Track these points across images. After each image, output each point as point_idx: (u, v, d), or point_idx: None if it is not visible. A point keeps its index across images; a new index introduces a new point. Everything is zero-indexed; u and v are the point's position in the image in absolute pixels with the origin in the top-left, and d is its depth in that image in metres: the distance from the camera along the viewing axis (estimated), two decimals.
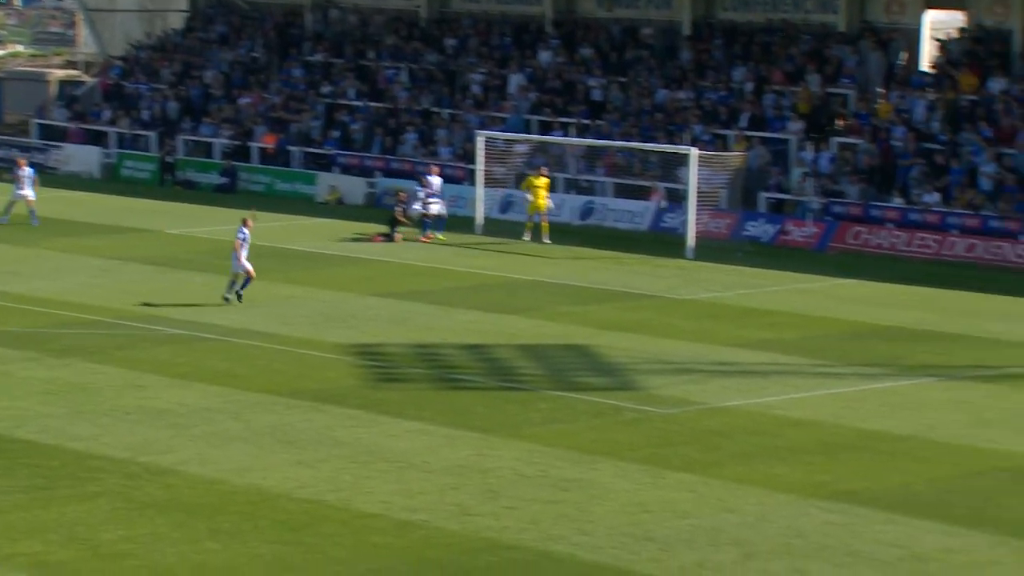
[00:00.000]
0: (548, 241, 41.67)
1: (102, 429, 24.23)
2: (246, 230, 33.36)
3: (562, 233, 43.79)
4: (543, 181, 42.45)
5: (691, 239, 40.70)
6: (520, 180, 47.20)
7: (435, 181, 43.24)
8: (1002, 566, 18.82)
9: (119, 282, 36.03)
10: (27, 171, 43.98)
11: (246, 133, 53.86)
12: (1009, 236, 40.16)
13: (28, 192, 43.54)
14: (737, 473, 22.42)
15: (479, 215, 44.18)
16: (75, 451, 23.03)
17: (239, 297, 33.25)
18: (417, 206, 42.65)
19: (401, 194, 43.36)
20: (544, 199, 42.16)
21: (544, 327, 32.13)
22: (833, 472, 22.59)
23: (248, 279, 33.30)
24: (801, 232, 42.43)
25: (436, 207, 42.75)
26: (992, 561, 18.99)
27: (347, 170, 50.85)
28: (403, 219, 42.50)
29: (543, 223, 42.04)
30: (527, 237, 41.85)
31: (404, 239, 42.04)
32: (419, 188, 43.12)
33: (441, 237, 42.30)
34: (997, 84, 43.61)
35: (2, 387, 26.61)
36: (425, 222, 42.49)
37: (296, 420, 24.88)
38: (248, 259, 33.24)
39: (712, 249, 40.84)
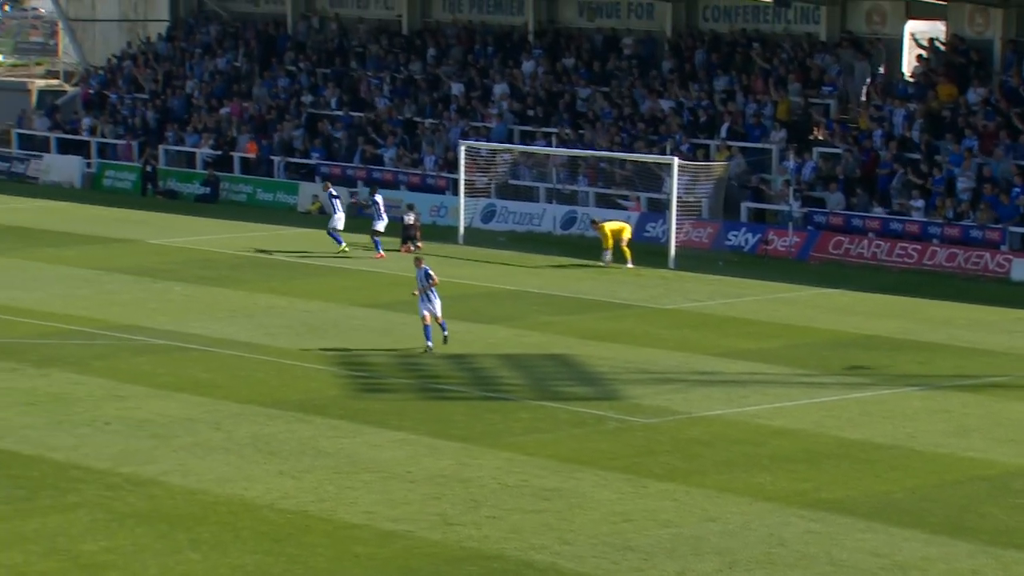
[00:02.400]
0: (612, 263, 40.08)
1: (82, 440, 24.20)
2: (426, 268, 30.50)
3: (544, 243, 43.83)
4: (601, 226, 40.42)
5: (673, 249, 40.78)
6: (501, 189, 47.33)
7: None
8: (982, 575, 18.86)
9: (100, 292, 35.97)
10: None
11: (229, 142, 53.81)
12: (989, 246, 40.28)
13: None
14: (719, 482, 22.46)
15: (461, 225, 44.19)
16: (56, 462, 23.00)
17: (444, 339, 30.51)
18: (381, 224, 40.98)
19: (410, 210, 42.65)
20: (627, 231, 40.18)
21: (526, 337, 32.14)
22: (814, 480, 22.63)
23: (434, 324, 30.43)
24: (783, 242, 42.51)
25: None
26: (972, 570, 19.04)
27: (329, 179, 50.78)
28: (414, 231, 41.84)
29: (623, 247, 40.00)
30: (608, 258, 39.93)
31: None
32: (376, 200, 41.48)
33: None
34: (976, 94, 43.78)
35: None
36: (377, 239, 41.13)
37: (278, 431, 24.87)
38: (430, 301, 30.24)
39: (694, 258, 40.92)
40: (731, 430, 25.31)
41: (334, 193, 42.75)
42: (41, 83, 65.54)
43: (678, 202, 41.02)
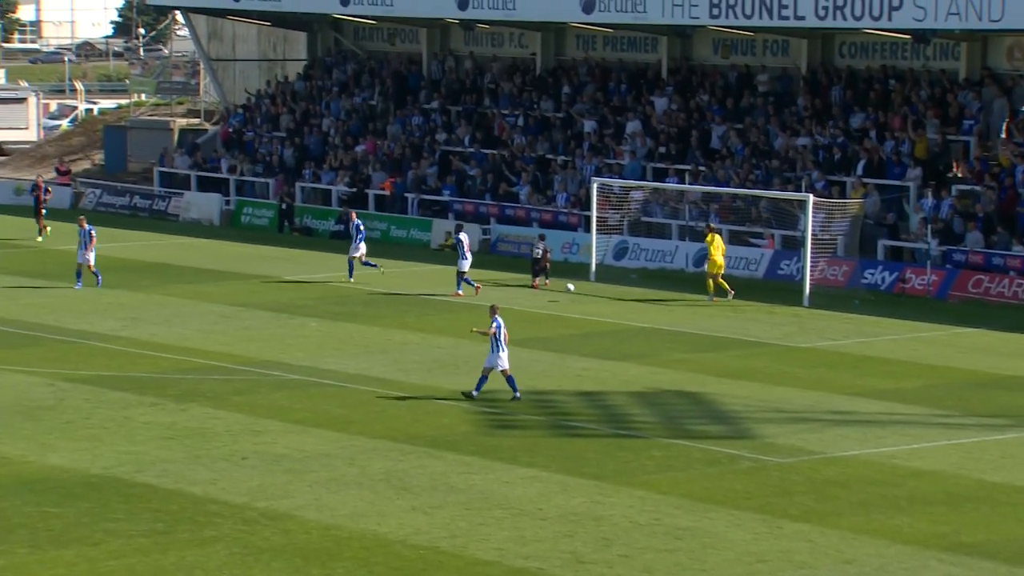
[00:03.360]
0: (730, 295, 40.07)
1: (220, 474, 24.49)
2: (499, 318, 29.52)
3: (677, 280, 43.60)
4: (709, 238, 40.59)
5: (808, 286, 40.35)
6: (633, 227, 47.22)
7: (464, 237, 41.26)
8: None
9: (238, 328, 36.44)
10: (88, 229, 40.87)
11: (364, 180, 54.35)
12: None
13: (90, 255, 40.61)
14: (855, 523, 22.15)
15: (593, 262, 44.15)
16: (194, 496, 23.29)
17: (469, 396, 29.20)
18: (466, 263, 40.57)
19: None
20: (718, 257, 40.18)
21: (658, 374, 31.97)
22: (954, 523, 22.20)
23: (494, 376, 29.31)
24: (920, 280, 41.88)
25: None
26: None
27: (462, 216, 51.09)
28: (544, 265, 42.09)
29: (717, 281, 40.13)
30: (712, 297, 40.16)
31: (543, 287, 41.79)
32: (460, 239, 40.95)
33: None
34: None
35: (123, 432, 27.01)
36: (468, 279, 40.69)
37: (411, 466, 24.97)
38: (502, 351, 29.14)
39: (829, 297, 40.44)
40: (868, 471, 24.94)
41: (358, 223, 43.26)
42: (182, 122, 66.79)
43: (813, 240, 40.62)
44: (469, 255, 41.18)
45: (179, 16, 70.37)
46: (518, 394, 29.31)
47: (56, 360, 32.49)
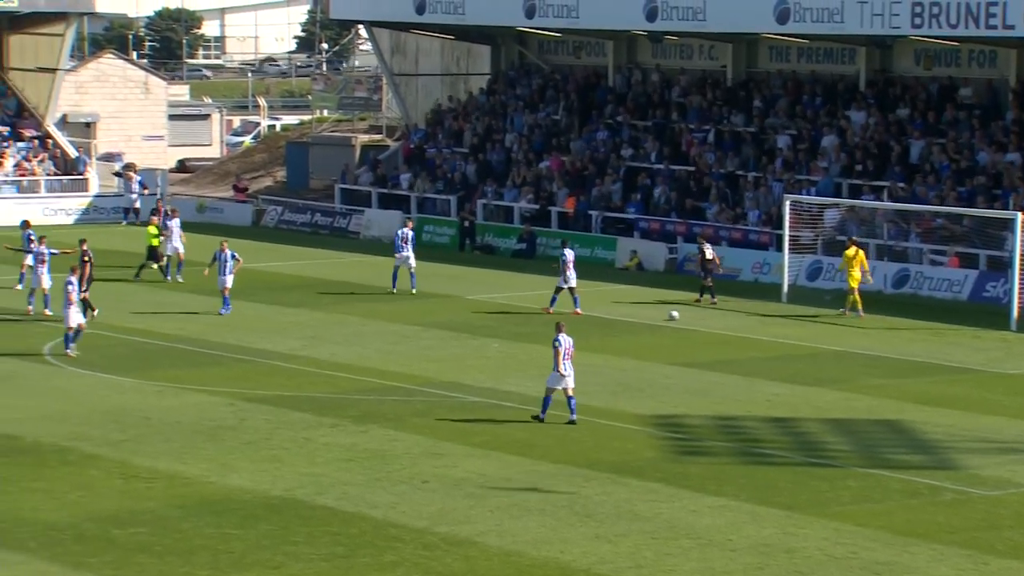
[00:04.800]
0: (861, 314, 39.44)
1: (400, 497, 24.07)
2: (563, 335, 28.78)
3: (874, 302, 42.10)
4: (852, 252, 40.01)
5: (1016, 310, 38.53)
6: (828, 246, 45.77)
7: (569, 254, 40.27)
8: None
9: (418, 348, 36.03)
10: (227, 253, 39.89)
11: (547, 197, 53.67)
12: None
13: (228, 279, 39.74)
14: None
15: (785, 283, 42.86)
16: (374, 519, 22.90)
17: (570, 421, 28.47)
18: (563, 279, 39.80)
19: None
20: (856, 271, 39.61)
21: (853, 400, 30.86)
22: None
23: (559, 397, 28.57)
24: None
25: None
26: None
27: (647, 235, 50.15)
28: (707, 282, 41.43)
29: (853, 295, 39.59)
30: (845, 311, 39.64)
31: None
32: (565, 255, 40.02)
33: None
34: None
35: (304, 453, 26.71)
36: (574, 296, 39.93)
37: (594, 493, 24.33)
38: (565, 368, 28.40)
39: None
40: None
41: (406, 234, 43.29)
42: (364, 138, 66.98)
43: (1022, 260, 38.85)
44: (569, 272, 40.02)
45: (362, 31, 70.63)
46: (574, 417, 28.43)
47: (237, 379, 32.38)
